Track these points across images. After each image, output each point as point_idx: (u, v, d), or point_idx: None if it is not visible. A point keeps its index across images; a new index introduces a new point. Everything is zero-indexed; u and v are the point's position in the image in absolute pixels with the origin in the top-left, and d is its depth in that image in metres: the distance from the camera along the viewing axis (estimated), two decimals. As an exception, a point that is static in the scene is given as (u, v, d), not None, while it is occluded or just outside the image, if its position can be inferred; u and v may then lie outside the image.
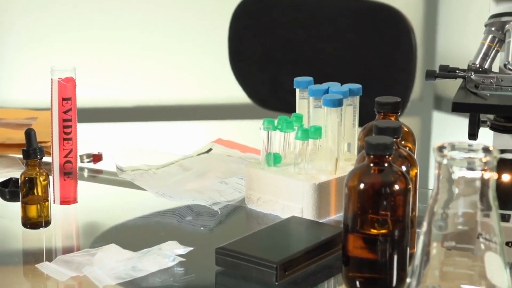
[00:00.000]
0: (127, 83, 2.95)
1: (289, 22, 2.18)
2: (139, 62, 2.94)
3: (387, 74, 2.09)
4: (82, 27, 2.90)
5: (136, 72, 2.95)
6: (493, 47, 1.29)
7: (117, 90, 2.96)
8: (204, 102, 3.00)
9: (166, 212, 1.43)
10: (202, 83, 2.99)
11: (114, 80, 2.95)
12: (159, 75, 2.96)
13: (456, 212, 1.00)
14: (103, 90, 2.94)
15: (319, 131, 1.38)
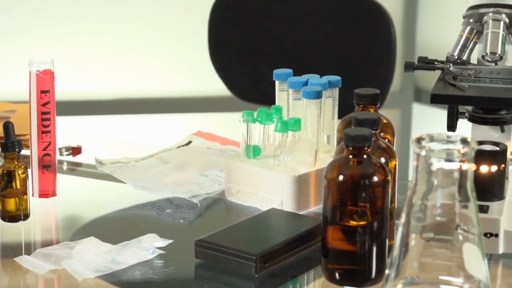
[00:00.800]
0: (106, 76, 2.94)
1: (269, 14, 2.17)
2: (118, 54, 2.93)
3: (367, 66, 2.10)
4: (61, 19, 2.89)
5: (115, 65, 2.93)
6: (471, 39, 1.30)
7: (96, 83, 2.95)
8: (184, 94, 3.00)
9: (145, 205, 1.43)
10: (181, 76, 2.98)
11: (93, 73, 2.93)
12: (139, 68, 2.95)
13: (435, 203, 1.01)
14: (82, 82, 2.93)
15: (299, 123, 1.38)
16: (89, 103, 2.95)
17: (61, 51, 2.86)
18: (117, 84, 2.95)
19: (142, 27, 2.92)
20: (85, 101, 2.95)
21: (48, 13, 2.88)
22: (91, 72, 2.93)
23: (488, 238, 1.22)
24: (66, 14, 2.89)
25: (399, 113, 3.16)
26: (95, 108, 2.96)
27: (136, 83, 2.96)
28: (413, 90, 3.14)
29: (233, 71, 2.23)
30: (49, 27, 2.88)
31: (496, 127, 1.30)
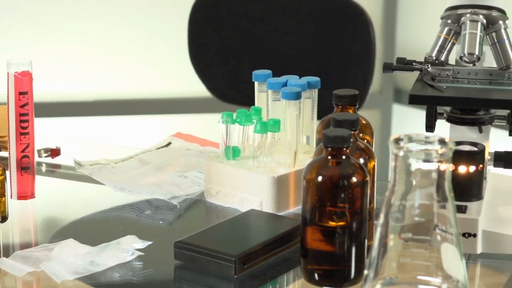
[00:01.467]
0: (85, 77, 2.93)
1: (249, 15, 2.17)
2: (97, 55, 2.92)
3: (346, 67, 2.10)
4: (39, 20, 2.88)
5: (94, 66, 2.93)
6: (449, 40, 1.30)
7: (75, 84, 2.94)
8: (164, 95, 2.99)
9: (125, 207, 1.42)
10: (161, 77, 2.98)
11: (72, 74, 2.92)
12: (118, 69, 2.94)
13: (413, 203, 1.01)
14: (61, 84, 2.92)
15: (278, 124, 1.39)
16: (68, 105, 2.94)
17: (39, 52, 2.85)
18: (95, 85, 2.94)
19: (121, 28, 2.92)
20: (64, 103, 2.94)
21: (26, 13, 2.87)
22: (69, 73, 2.92)
23: (467, 238, 1.23)
24: (45, 14, 2.88)
25: (379, 114, 3.17)
26: (74, 109, 2.95)
27: (115, 84, 2.96)
28: (393, 91, 3.15)
29: (213, 72, 2.23)
30: (27, 27, 2.87)
31: (474, 127, 1.30)
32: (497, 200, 1.32)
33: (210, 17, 2.20)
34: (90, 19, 2.90)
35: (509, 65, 1.29)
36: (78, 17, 2.89)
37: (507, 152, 1.32)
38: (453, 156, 1.01)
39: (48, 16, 2.88)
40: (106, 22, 2.91)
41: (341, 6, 2.09)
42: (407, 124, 3.10)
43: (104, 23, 2.91)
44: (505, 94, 1.27)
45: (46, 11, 2.88)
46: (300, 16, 2.13)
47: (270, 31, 2.15)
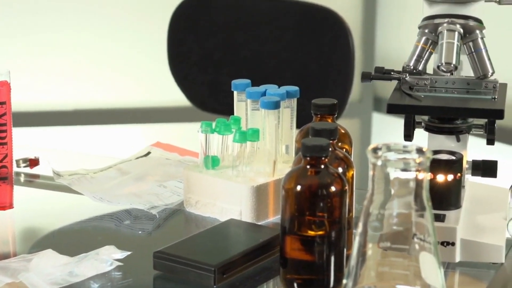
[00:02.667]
0: (64, 87, 2.92)
1: (228, 24, 2.18)
2: (77, 64, 2.91)
3: (326, 76, 2.11)
4: (17, 30, 2.87)
5: (73, 75, 2.92)
6: (426, 49, 1.31)
7: (54, 93, 2.93)
8: (143, 105, 2.99)
9: (104, 216, 1.42)
10: (141, 86, 2.97)
11: (51, 83, 2.91)
12: (97, 78, 2.94)
13: (391, 212, 1.02)
14: (40, 93, 2.91)
15: (257, 133, 1.39)
16: (46, 114, 2.93)
17: (18, 61, 2.84)
18: (75, 94, 2.93)
19: (101, 37, 2.91)
20: (42, 112, 2.92)
21: (4, 23, 2.86)
22: (49, 83, 2.91)
23: (445, 247, 1.23)
24: (23, 24, 2.87)
25: (359, 123, 3.18)
26: (53, 119, 2.94)
27: (93, 94, 2.95)
28: (372, 100, 3.16)
29: (193, 81, 2.23)
30: (5, 37, 2.86)
31: (452, 136, 1.31)
32: (475, 208, 1.32)
33: (190, 26, 2.20)
34: (68, 29, 2.89)
35: (486, 74, 1.30)
36: (57, 28, 2.88)
37: (484, 161, 1.33)
38: (431, 165, 1.02)
39: (27, 27, 2.87)
40: (84, 31, 2.90)
41: (320, 15, 2.10)
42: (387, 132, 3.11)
43: (82, 33, 2.90)
44: (482, 103, 1.28)
45: (24, 22, 2.87)
46: (279, 25, 2.14)
47: (249, 40, 2.15)
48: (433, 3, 1.31)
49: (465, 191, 1.33)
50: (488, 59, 1.30)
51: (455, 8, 1.29)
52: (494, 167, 1.32)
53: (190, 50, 2.21)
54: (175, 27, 2.21)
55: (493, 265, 1.25)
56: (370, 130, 3.18)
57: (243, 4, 2.17)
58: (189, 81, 2.23)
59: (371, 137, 3.17)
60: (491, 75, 1.30)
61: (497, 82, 1.30)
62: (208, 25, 2.19)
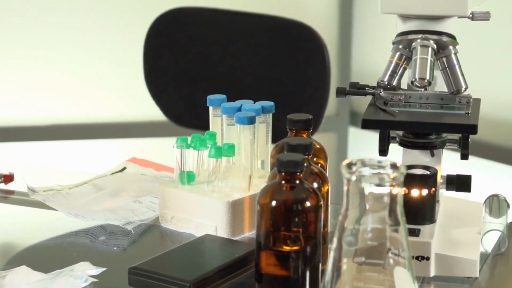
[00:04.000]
0: (39, 101, 2.91)
1: (204, 39, 2.18)
2: (52, 79, 2.90)
3: (301, 91, 2.11)
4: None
5: (48, 90, 2.91)
6: (400, 65, 1.32)
7: (29, 108, 2.91)
8: (119, 119, 2.98)
9: (78, 232, 1.41)
10: (117, 101, 2.97)
11: (26, 98, 2.90)
12: (73, 93, 2.93)
13: (366, 227, 1.02)
14: (14, 108, 2.89)
15: (232, 148, 1.39)
16: (21, 129, 2.91)
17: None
18: (50, 109, 2.92)
19: (77, 52, 2.91)
20: (17, 127, 2.91)
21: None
22: (24, 98, 2.90)
23: (420, 261, 1.24)
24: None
25: (335, 137, 3.19)
26: (28, 134, 2.92)
27: (70, 108, 2.94)
28: (349, 114, 3.17)
29: (169, 96, 2.23)
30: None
31: (426, 151, 1.31)
32: (449, 223, 1.33)
33: (165, 42, 2.20)
34: (44, 44, 2.88)
35: (459, 90, 1.31)
36: (33, 43, 2.88)
37: (459, 176, 1.34)
38: (406, 179, 1.02)
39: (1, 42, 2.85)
40: (60, 46, 2.89)
41: (296, 30, 2.11)
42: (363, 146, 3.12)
43: (58, 48, 2.89)
44: (456, 118, 1.28)
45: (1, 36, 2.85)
46: (254, 40, 2.14)
47: (225, 56, 2.16)
48: (406, 19, 1.32)
49: (440, 205, 1.33)
50: (462, 74, 1.31)
51: (428, 24, 1.30)
52: (468, 182, 1.33)
53: (166, 65, 2.21)
54: (151, 43, 2.22)
55: (467, 279, 1.26)
56: (346, 144, 3.19)
57: (218, 20, 2.18)
58: (165, 96, 2.23)
59: (348, 151, 3.18)
60: (464, 90, 1.31)
61: (471, 97, 1.31)
62: (184, 40, 2.20)
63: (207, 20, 2.18)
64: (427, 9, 1.29)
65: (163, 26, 2.21)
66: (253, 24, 2.15)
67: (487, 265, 1.30)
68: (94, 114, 2.95)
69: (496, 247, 1.32)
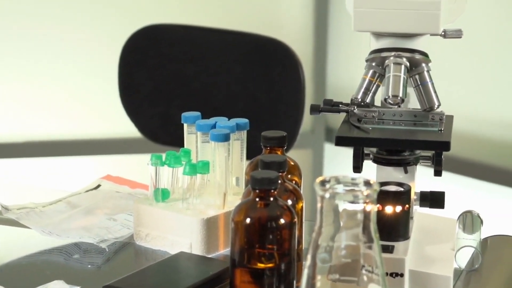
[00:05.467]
0: (12, 118, 2.89)
1: (179, 57, 2.18)
2: (26, 96, 2.89)
3: (276, 108, 2.12)
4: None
5: (22, 106, 2.89)
6: (374, 82, 1.32)
7: (2, 125, 2.90)
8: (94, 136, 2.97)
9: (52, 250, 1.41)
10: (92, 118, 2.96)
11: (0, 115, 2.88)
12: (47, 110, 2.91)
13: (340, 245, 1.02)
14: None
15: (207, 166, 1.39)
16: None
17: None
18: (24, 126, 2.91)
19: (52, 69, 2.90)
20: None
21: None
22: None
23: (394, 278, 1.24)
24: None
25: (311, 153, 3.19)
26: (1, 151, 2.90)
27: (44, 125, 2.92)
28: (324, 131, 3.18)
29: (144, 113, 2.23)
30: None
31: (400, 168, 1.32)
32: (423, 239, 1.33)
33: (140, 59, 2.20)
34: (18, 60, 2.87)
35: (432, 107, 1.31)
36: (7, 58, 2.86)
37: (432, 192, 1.34)
38: (380, 196, 1.03)
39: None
40: (35, 62, 2.88)
41: (270, 47, 2.12)
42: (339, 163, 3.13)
43: (33, 64, 2.88)
44: (429, 135, 1.29)
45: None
46: (229, 57, 2.15)
47: (200, 73, 2.16)
48: (380, 37, 1.33)
49: (414, 222, 1.34)
50: (434, 91, 1.32)
51: (401, 41, 1.31)
52: (442, 198, 1.34)
53: (141, 83, 2.21)
54: (126, 60, 2.21)
55: (441, 296, 1.26)
56: (322, 160, 3.19)
57: (193, 37, 2.18)
58: (140, 113, 2.23)
59: (324, 167, 3.19)
60: (437, 107, 1.32)
61: (444, 114, 1.32)
62: (159, 57, 2.20)
63: (181, 37, 2.19)
64: (399, 27, 1.30)
65: (138, 43, 2.21)
66: (227, 41, 2.15)
67: (461, 281, 1.31)
68: (68, 131, 2.94)
69: (469, 264, 1.33)
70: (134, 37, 2.21)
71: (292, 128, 2.07)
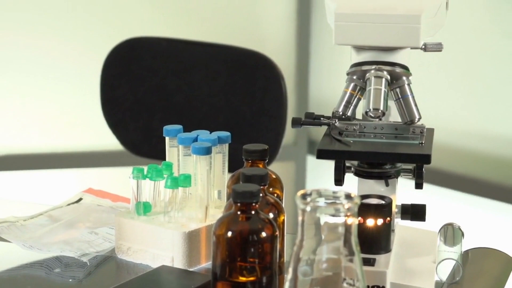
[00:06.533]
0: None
1: (161, 69, 2.18)
2: (7, 108, 2.88)
3: (258, 121, 2.12)
4: None
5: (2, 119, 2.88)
6: (355, 95, 1.33)
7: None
8: (76, 149, 2.96)
9: (33, 264, 1.40)
10: (74, 131, 2.95)
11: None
12: (29, 122, 2.90)
13: (321, 258, 1.02)
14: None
15: (189, 179, 1.39)
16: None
17: None
18: (4, 139, 2.89)
19: (34, 82, 2.89)
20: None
21: None
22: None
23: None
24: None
25: (293, 166, 3.19)
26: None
27: (26, 138, 2.91)
28: (307, 143, 3.18)
29: (126, 126, 2.22)
30: None
31: (381, 181, 1.33)
32: (405, 252, 1.34)
33: (122, 72, 2.20)
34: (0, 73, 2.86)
35: (413, 120, 1.32)
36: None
37: (413, 205, 1.35)
38: (361, 209, 1.03)
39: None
40: (16, 75, 2.87)
41: (252, 60, 2.12)
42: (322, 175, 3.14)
43: (13, 77, 2.87)
44: (410, 148, 1.30)
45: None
46: (211, 70, 2.15)
47: (182, 86, 2.16)
48: (360, 50, 1.33)
49: (395, 234, 1.34)
50: (415, 104, 1.32)
51: (382, 55, 1.32)
52: (423, 211, 1.34)
53: (123, 95, 2.21)
54: (108, 72, 2.21)
55: (422, 308, 1.27)
56: (305, 172, 3.20)
57: (175, 50, 2.18)
58: (122, 126, 2.23)
59: (306, 179, 3.19)
60: (418, 120, 1.32)
61: (424, 127, 1.33)
62: (141, 70, 2.20)
63: (163, 50, 2.19)
64: (380, 40, 1.31)
65: (120, 56, 2.20)
66: (209, 54, 2.15)
67: (442, 293, 1.31)
68: (50, 143, 2.93)
69: (450, 276, 1.34)
70: (116, 50, 2.20)
71: (274, 141, 2.07)
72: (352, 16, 1.30)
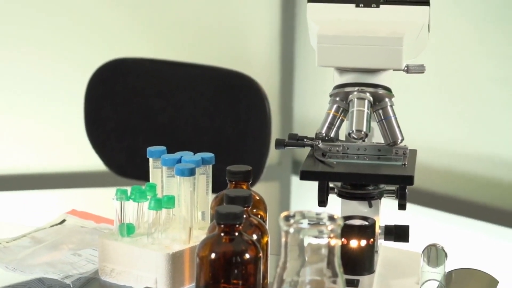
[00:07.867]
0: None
1: (145, 90, 2.18)
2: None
3: (242, 142, 2.13)
4: None
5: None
6: (338, 117, 1.33)
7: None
8: (60, 170, 2.95)
9: (16, 286, 1.39)
10: (58, 151, 2.94)
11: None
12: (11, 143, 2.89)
13: (304, 279, 1.02)
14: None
15: (172, 200, 1.39)
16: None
17: None
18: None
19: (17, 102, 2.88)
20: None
21: None
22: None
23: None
24: None
25: (278, 186, 3.20)
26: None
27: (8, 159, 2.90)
28: (291, 163, 3.19)
29: (110, 146, 2.22)
30: None
31: (364, 202, 1.33)
32: (388, 273, 1.34)
33: (106, 93, 2.20)
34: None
35: (396, 141, 1.33)
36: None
37: (397, 226, 1.35)
38: (345, 230, 1.04)
39: None
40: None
41: (236, 81, 2.12)
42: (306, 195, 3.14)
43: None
44: (393, 170, 1.30)
45: None
46: (195, 91, 2.15)
47: (166, 107, 2.16)
48: (343, 72, 1.34)
49: (379, 255, 1.35)
50: (398, 126, 1.33)
51: (364, 76, 1.33)
52: (406, 232, 1.35)
53: (107, 116, 2.21)
54: (92, 93, 2.21)
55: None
56: (289, 192, 3.20)
57: (159, 71, 2.19)
58: (106, 146, 2.22)
59: (291, 199, 3.20)
60: (400, 141, 1.33)
61: (407, 149, 1.34)
62: (125, 91, 2.20)
63: (147, 71, 2.19)
64: (363, 62, 1.31)
65: (104, 76, 2.20)
66: (193, 75, 2.16)
67: (426, 314, 1.31)
68: (33, 164, 2.92)
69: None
70: (101, 71, 2.20)
71: (258, 162, 2.07)
72: (334, 38, 1.31)
